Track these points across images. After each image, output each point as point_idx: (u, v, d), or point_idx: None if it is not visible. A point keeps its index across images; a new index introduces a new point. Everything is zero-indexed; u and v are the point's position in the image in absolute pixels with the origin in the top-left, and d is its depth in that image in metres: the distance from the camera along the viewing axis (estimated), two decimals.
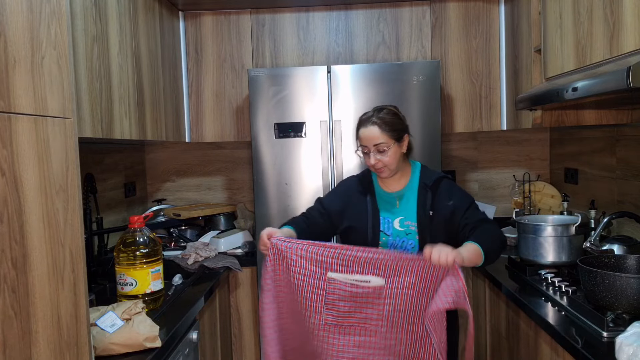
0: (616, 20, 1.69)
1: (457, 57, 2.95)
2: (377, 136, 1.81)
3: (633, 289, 1.55)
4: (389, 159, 1.82)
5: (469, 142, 3.31)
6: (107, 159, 2.85)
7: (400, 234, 1.87)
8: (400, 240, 1.87)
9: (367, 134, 1.82)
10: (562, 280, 2.01)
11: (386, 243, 1.87)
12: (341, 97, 2.65)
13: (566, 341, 1.57)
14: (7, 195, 0.96)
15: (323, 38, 2.98)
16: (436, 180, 1.88)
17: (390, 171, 1.85)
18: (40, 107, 1.08)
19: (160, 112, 2.58)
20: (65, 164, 1.16)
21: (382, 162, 1.82)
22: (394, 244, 1.87)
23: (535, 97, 2.06)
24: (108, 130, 1.95)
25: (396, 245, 1.87)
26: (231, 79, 3.01)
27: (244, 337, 2.84)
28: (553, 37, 2.19)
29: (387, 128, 1.81)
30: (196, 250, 2.63)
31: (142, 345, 1.56)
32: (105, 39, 1.95)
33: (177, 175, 3.40)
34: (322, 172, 2.67)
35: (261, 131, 2.67)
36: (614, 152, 2.51)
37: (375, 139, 1.81)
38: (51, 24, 1.14)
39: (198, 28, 2.99)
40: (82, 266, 1.22)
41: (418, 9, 2.95)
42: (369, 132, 1.82)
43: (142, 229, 1.99)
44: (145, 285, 1.91)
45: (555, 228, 2.18)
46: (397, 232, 1.87)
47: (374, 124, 1.81)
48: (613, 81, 1.48)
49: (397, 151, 1.83)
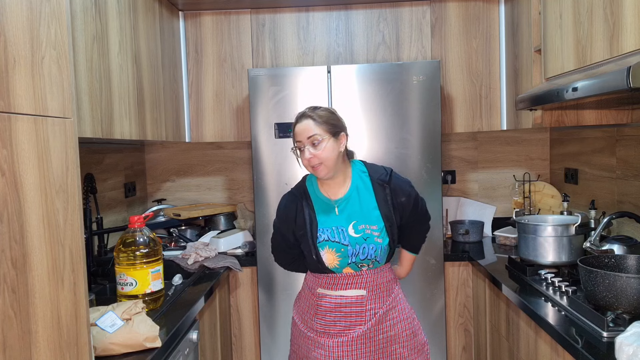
0: (616, 20, 1.69)
1: (457, 57, 2.95)
2: (311, 128, 1.76)
3: (633, 289, 1.55)
4: (324, 152, 1.75)
5: (468, 142, 3.31)
6: (107, 159, 2.85)
7: (359, 240, 1.80)
8: (360, 247, 1.80)
9: (301, 128, 1.78)
10: (562, 280, 2.01)
11: (346, 253, 1.80)
12: (341, 97, 2.65)
13: (566, 341, 1.57)
14: (7, 195, 0.96)
15: (323, 38, 2.98)
16: (390, 176, 1.87)
17: (327, 168, 1.77)
18: (40, 107, 1.08)
19: (160, 112, 2.58)
20: (65, 164, 1.16)
21: (317, 157, 1.75)
22: (354, 253, 1.80)
23: (535, 97, 2.06)
24: (108, 131, 1.95)
25: (357, 254, 1.80)
26: (231, 79, 3.01)
27: (244, 337, 2.84)
28: (553, 37, 2.19)
29: (320, 120, 1.77)
30: (196, 250, 2.63)
31: (142, 345, 1.56)
32: (105, 39, 1.95)
33: (177, 175, 3.40)
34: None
35: (261, 131, 2.67)
36: (614, 152, 2.51)
37: (309, 131, 1.76)
38: (51, 24, 1.14)
39: (198, 28, 2.99)
40: (82, 266, 1.22)
41: (418, 9, 2.95)
42: (302, 125, 1.78)
43: (142, 229, 1.99)
44: (145, 285, 1.91)
45: (555, 228, 2.18)
46: (355, 240, 1.80)
47: (308, 118, 1.78)
48: (613, 81, 1.48)
49: (333, 147, 1.77)
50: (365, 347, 1.82)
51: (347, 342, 1.82)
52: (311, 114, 1.79)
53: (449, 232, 3.06)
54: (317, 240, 1.81)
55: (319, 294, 1.86)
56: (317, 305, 1.86)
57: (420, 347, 1.91)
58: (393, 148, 2.64)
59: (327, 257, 1.81)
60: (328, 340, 1.82)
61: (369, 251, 1.80)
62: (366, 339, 1.82)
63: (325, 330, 1.84)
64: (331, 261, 1.81)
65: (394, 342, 1.85)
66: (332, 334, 1.83)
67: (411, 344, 1.88)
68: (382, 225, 1.82)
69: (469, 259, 2.70)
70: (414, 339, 1.89)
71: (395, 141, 2.64)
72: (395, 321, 1.86)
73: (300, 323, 1.93)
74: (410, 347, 1.87)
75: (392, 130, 2.64)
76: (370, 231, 1.81)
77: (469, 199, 3.25)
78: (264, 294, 2.73)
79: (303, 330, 1.90)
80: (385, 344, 1.84)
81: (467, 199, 3.24)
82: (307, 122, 1.78)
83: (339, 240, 1.80)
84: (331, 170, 1.80)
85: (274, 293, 2.73)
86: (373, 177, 1.86)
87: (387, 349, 1.84)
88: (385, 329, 1.84)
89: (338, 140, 1.80)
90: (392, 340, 1.85)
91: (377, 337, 1.83)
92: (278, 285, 2.72)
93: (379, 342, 1.83)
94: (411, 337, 1.88)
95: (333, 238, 1.80)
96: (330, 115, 1.81)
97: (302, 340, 1.92)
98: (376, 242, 1.80)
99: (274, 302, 2.73)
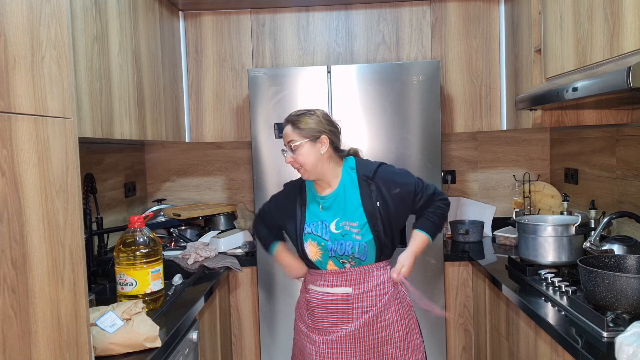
0: (616, 20, 1.69)
1: (457, 57, 2.95)
2: (289, 134, 1.86)
3: (633, 289, 1.55)
4: (302, 158, 1.83)
5: (468, 142, 3.31)
6: (107, 159, 2.85)
7: (337, 236, 1.85)
8: (338, 243, 1.85)
9: (284, 132, 1.89)
10: (562, 280, 2.01)
11: (326, 247, 1.86)
12: (341, 97, 2.65)
13: (566, 341, 1.57)
14: (7, 195, 0.96)
15: (323, 38, 2.98)
16: (375, 171, 1.88)
17: (307, 172, 1.86)
18: (40, 107, 1.08)
19: (160, 112, 2.58)
20: (65, 164, 1.16)
21: (296, 160, 1.85)
22: (333, 248, 1.85)
23: (536, 97, 2.06)
24: (108, 130, 1.95)
25: (335, 249, 1.85)
26: (231, 79, 3.01)
27: (244, 337, 2.84)
28: (553, 37, 2.19)
29: (298, 126, 1.84)
30: (196, 250, 2.63)
31: (142, 345, 1.56)
32: (105, 39, 1.95)
33: (177, 175, 3.40)
34: None
35: (261, 131, 2.67)
36: (614, 152, 2.51)
37: (287, 136, 1.87)
38: (51, 24, 1.14)
39: (198, 28, 2.99)
40: (82, 266, 1.22)
41: (418, 9, 2.95)
42: (285, 130, 1.89)
43: (142, 229, 1.99)
44: (145, 285, 1.91)
45: (555, 228, 2.18)
46: (334, 236, 1.85)
47: (288, 123, 1.88)
48: (613, 81, 1.48)
49: (310, 151, 1.83)
50: (355, 347, 1.83)
51: (335, 341, 1.83)
52: (293, 119, 1.87)
53: (449, 232, 3.06)
54: (303, 232, 1.90)
55: (309, 290, 1.92)
56: (308, 300, 1.92)
57: (415, 346, 1.90)
58: (393, 148, 2.64)
59: (310, 249, 1.89)
60: (318, 337, 1.87)
61: (346, 248, 1.84)
62: (355, 339, 1.83)
63: (315, 326, 1.89)
64: (314, 254, 1.89)
65: (385, 343, 1.85)
66: (321, 329, 1.87)
67: (404, 345, 1.87)
68: (365, 221, 1.83)
69: (469, 259, 2.70)
70: (409, 339, 1.89)
71: (395, 141, 2.64)
72: (389, 322, 1.85)
73: (298, 318, 2.00)
74: (403, 347, 1.87)
75: (392, 130, 2.64)
76: (350, 228, 1.84)
77: (469, 199, 3.25)
78: (264, 294, 2.73)
79: (299, 325, 1.97)
80: (377, 344, 1.84)
81: (467, 199, 3.24)
82: (287, 128, 1.88)
83: (321, 235, 1.87)
84: (312, 173, 1.87)
85: (274, 293, 2.73)
86: (359, 173, 1.90)
87: (378, 349, 1.85)
88: (377, 330, 1.84)
89: (317, 144, 1.84)
90: (384, 341, 1.85)
91: (367, 337, 1.84)
92: (278, 285, 2.72)
93: (370, 342, 1.84)
94: (405, 338, 1.88)
95: (316, 232, 1.88)
96: (311, 121, 1.85)
97: (299, 335, 1.98)
98: (354, 238, 1.83)
99: (274, 302, 2.73)
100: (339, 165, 1.92)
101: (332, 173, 1.90)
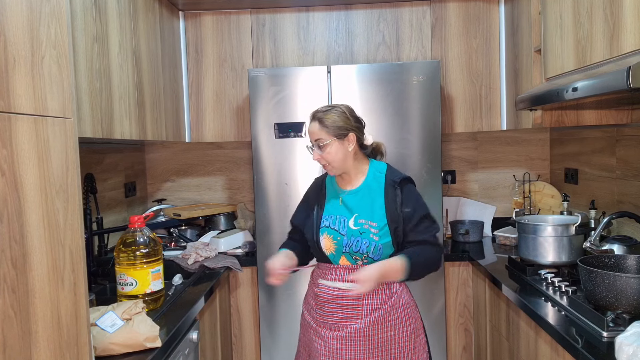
0: (616, 21, 1.69)
1: (457, 57, 2.95)
2: (316, 132, 1.84)
3: (633, 289, 1.55)
4: (330, 155, 1.84)
5: (468, 142, 3.31)
6: (107, 159, 2.85)
7: (355, 233, 1.85)
8: (355, 239, 1.85)
9: (310, 130, 1.87)
10: (562, 280, 2.01)
11: (341, 242, 1.86)
12: (341, 97, 2.65)
13: (566, 341, 1.57)
14: (7, 195, 0.96)
15: (323, 38, 2.98)
16: (402, 180, 1.88)
17: (334, 168, 1.87)
18: (40, 107, 1.08)
19: (160, 112, 2.58)
20: (65, 164, 1.16)
21: (323, 158, 1.85)
22: (349, 244, 1.85)
23: (535, 97, 2.06)
24: (108, 130, 1.95)
25: (350, 245, 1.84)
26: (231, 79, 3.01)
27: (244, 337, 2.84)
28: (553, 37, 2.19)
29: (326, 124, 1.83)
30: (196, 250, 2.63)
31: (142, 345, 1.56)
32: (105, 39, 1.95)
33: (177, 175, 3.40)
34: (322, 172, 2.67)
35: (261, 131, 2.67)
36: (614, 152, 2.51)
37: (315, 134, 1.85)
38: (51, 24, 1.14)
39: (198, 28, 2.99)
40: (82, 266, 1.22)
41: (418, 9, 2.95)
42: (310, 127, 1.87)
43: (142, 229, 1.99)
44: (145, 285, 1.91)
45: (555, 228, 2.18)
46: (352, 232, 1.85)
47: (314, 120, 1.86)
48: (613, 81, 1.48)
49: (339, 149, 1.84)
50: (363, 345, 1.83)
51: (344, 337, 1.83)
52: (320, 115, 1.85)
53: (449, 232, 3.06)
54: (320, 224, 1.91)
55: (319, 284, 1.91)
56: (317, 295, 1.91)
57: (420, 346, 1.91)
58: (393, 148, 2.64)
59: (324, 242, 1.89)
60: (327, 333, 1.87)
61: (361, 245, 1.83)
62: (364, 336, 1.83)
63: (324, 321, 1.88)
64: (328, 247, 1.89)
65: (392, 342, 1.85)
66: (330, 324, 1.87)
67: (410, 345, 1.88)
68: (384, 223, 1.83)
69: (469, 259, 2.70)
70: (415, 339, 1.89)
71: (396, 141, 2.64)
72: (397, 322, 1.86)
73: (306, 312, 1.99)
74: (409, 347, 1.87)
75: (392, 130, 2.64)
76: (369, 227, 1.84)
77: (469, 199, 3.25)
78: (264, 294, 2.73)
79: (308, 319, 1.96)
80: (384, 343, 1.85)
81: (467, 199, 3.24)
82: (314, 125, 1.86)
83: (338, 229, 1.87)
84: (339, 169, 1.88)
85: (274, 293, 2.73)
86: (388, 177, 1.90)
87: (385, 348, 1.85)
88: (385, 329, 1.84)
89: (345, 142, 1.85)
90: (391, 340, 1.85)
91: (376, 336, 1.84)
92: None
93: (378, 341, 1.84)
94: (412, 338, 1.88)
95: (333, 226, 1.88)
96: (337, 117, 1.84)
97: (306, 330, 1.97)
98: (371, 238, 1.83)
99: (274, 302, 2.73)
100: (363, 163, 1.93)
101: (357, 169, 1.91)
